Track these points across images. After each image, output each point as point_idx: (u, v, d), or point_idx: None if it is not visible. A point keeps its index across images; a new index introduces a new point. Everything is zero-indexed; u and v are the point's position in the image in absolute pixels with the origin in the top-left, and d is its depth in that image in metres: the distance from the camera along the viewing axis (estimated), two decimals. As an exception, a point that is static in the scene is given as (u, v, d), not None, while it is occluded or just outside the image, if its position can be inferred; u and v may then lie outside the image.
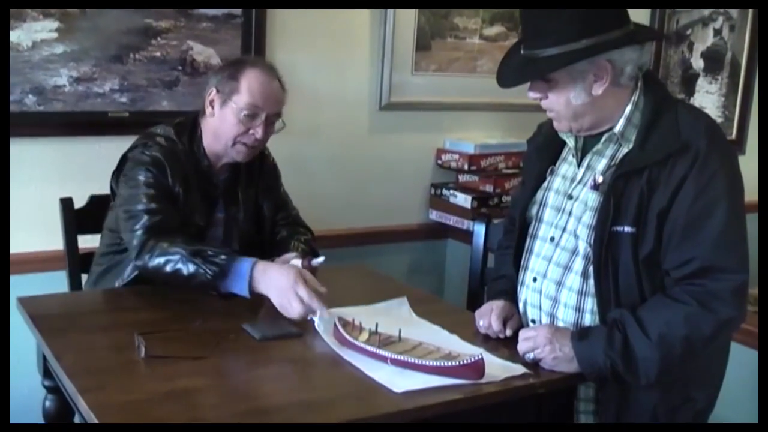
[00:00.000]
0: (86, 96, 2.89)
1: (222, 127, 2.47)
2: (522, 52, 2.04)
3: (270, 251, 2.42)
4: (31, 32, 2.75)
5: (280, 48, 3.19)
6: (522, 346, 2.02)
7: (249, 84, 2.44)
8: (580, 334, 1.99)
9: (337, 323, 2.06)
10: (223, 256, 2.24)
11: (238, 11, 3.09)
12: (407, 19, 3.43)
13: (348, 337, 2.01)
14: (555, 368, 1.98)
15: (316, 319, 2.12)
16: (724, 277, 1.93)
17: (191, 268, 2.23)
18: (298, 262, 2.34)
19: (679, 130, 1.98)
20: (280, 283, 2.18)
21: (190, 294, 2.28)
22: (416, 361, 1.90)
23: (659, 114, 2.02)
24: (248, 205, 2.62)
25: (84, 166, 2.74)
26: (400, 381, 1.84)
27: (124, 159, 2.49)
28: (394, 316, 2.26)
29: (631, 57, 2.00)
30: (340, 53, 3.35)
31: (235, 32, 3.11)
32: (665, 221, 1.96)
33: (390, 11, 3.37)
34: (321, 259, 2.38)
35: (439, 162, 3.63)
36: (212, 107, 2.49)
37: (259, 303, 2.25)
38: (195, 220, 2.47)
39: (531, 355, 2.00)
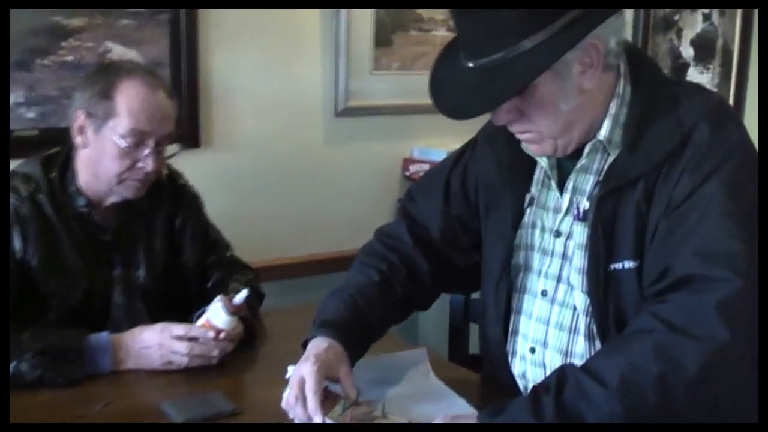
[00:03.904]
0: (-16, 112, 2.43)
1: (100, 162, 1.97)
2: (470, 64, 1.50)
3: (200, 305, 1.96)
4: None
5: (217, 48, 2.78)
6: None
7: (128, 102, 1.93)
8: (491, 411, 1.45)
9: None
10: (72, 354, 1.78)
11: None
12: (363, 10, 3.03)
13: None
14: None
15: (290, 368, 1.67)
16: (707, 287, 1.41)
17: (35, 372, 1.75)
18: (219, 304, 1.89)
19: (679, 119, 1.51)
20: (147, 342, 1.86)
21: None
22: None
23: (653, 102, 1.55)
24: (154, 255, 2.10)
25: (-20, 198, 2.29)
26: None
27: None
28: (408, 376, 1.83)
29: (615, 26, 1.52)
30: (288, 53, 2.95)
31: (162, 30, 2.66)
32: None
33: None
34: (243, 293, 1.89)
35: (407, 173, 3.24)
36: (83, 135, 1.98)
37: (182, 373, 1.83)
38: (78, 284, 1.98)
39: None
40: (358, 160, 3.16)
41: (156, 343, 1.85)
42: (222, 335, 1.86)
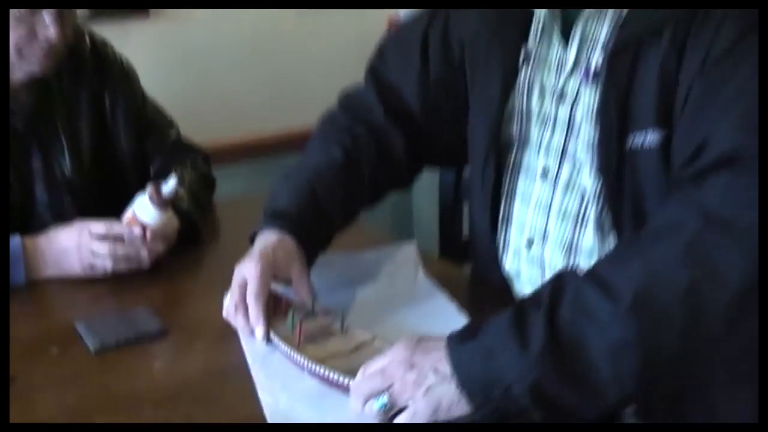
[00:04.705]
0: None
1: None
2: None
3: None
4: None
5: None
6: (361, 390, 1.10)
7: None
8: (463, 333, 1.10)
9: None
10: None
11: None
12: None
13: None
14: (419, 417, 1.05)
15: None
16: (756, 173, 1.05)
17: None
18: (145, 195, 1.58)
19: None
20: (65, 245, 1.56)
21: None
22: (338, 379, 1.16)
23: None
24: (79, 142, 1.77)
25: None
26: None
27: None
28: (390, 274, 1.53)
29: None
30: None
31: None
32: None
33: None
34: (172, 181, 1.56)
35: (393, 39, 2.86)
36: None
37: (109, 284, 1.54)
38: None
39: (379, 404, 1.08)
40: (336, 23, 2.81)
41: (74, 244, 1.56)
42: (149, 233, 1.55)
